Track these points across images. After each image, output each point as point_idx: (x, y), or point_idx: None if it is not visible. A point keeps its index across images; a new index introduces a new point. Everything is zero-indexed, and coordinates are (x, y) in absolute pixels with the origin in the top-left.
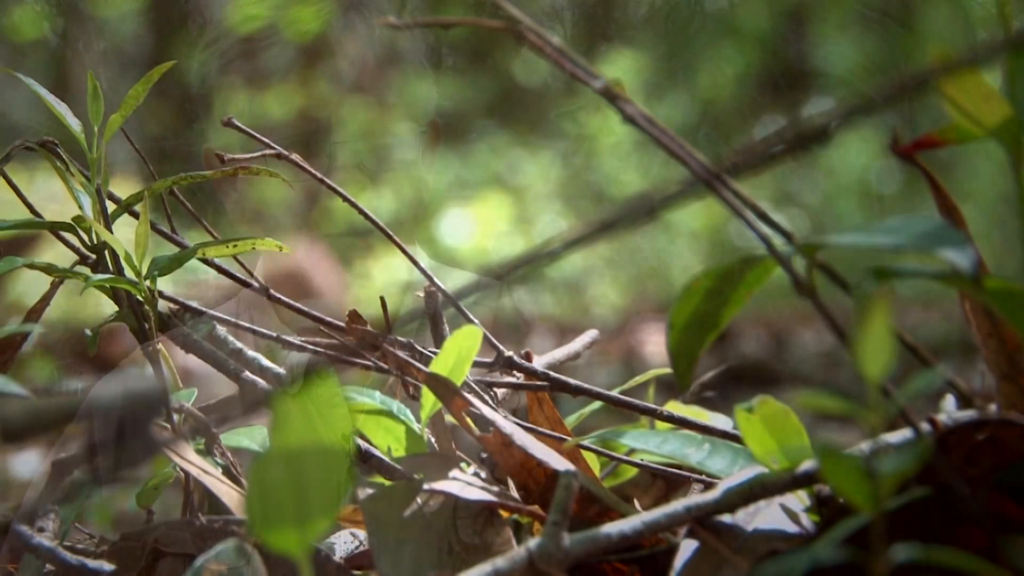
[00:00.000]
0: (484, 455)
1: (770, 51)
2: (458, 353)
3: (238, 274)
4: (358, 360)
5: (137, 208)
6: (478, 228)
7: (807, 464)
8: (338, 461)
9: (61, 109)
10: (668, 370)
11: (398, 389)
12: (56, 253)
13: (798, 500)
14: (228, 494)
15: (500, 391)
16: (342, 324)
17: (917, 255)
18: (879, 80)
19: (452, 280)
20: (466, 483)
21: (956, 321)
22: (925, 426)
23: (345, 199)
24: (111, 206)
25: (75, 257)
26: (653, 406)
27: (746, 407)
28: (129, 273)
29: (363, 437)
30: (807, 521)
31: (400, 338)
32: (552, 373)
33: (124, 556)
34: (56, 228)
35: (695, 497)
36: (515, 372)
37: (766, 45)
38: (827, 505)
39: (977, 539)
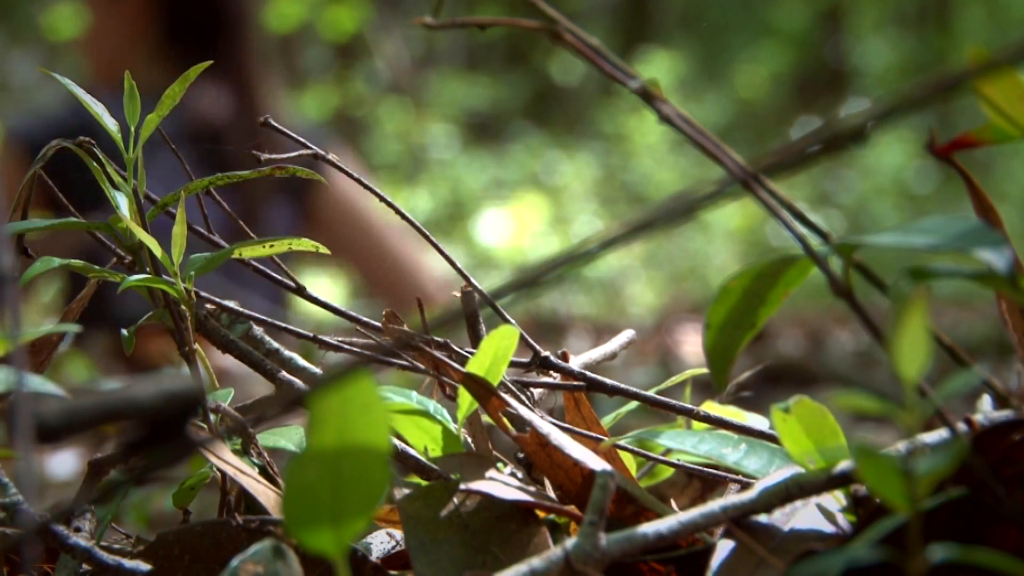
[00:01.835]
0: (520, 455)
1: (807, 51)
2: (495, 353)
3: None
4: (394, 360)
5: (173, 208)
6: (515, 228)
7: (844, 464)
8: (375, 461)
9: (98, 109)
10: (705, 370)
11: (435, 389)
12: None
13: (834, 500)
14: (265, 494)
15: (536, 391)
16: (378, 324)
17: (953, 255)
18: (915, 80)
19: (489, 280)
20: (503, 483)
21: (992, 321)
22: (961, 426)
23: (381, 199)
24: (147, 206)
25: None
26: (689, 406)
27: (782, 407)
28: (166, 273)
29: (400, 437)
30: (843, 521)
31: (436, 338)
32: (589, 373)
33: (160, 556)
34: (93, 228)
35: (732, 497)
36: (551, 372)
37: (803, 45)
38: (863, 505)
39: (1013, 539)
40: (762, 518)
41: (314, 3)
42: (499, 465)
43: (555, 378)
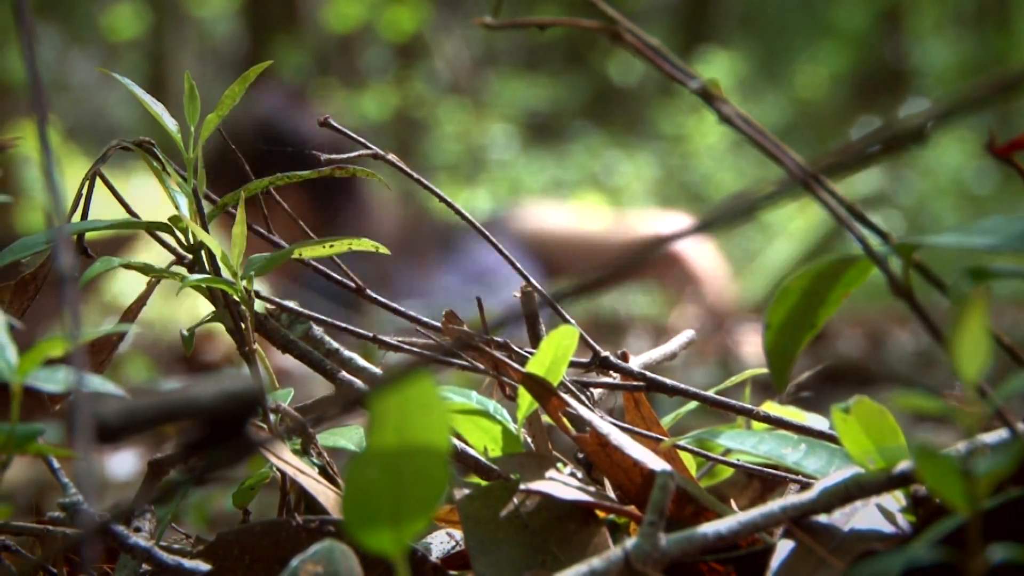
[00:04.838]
0: (580, 455)
1: (866, 51)
2: (555, 353)
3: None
4: (454, 360)
5: (233, 208)
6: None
7: (903, 464)
8: (435, 461)
9: (157, 109)
10: (764, 370)
11: (495, 389)
12: (153, 253)
13: (894, 500)
14: (324, 494)
15: (596, 391)
16: (438, 324)
17: (1013, 255)
18: (975, 80)
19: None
20: (562, 483)
21: None
22: (1021, 426)
23: (441, 199)
24: (207, 206)
25: (171, 257)
26: (749, 406)
27: (842, 407)
28: (226, 273)
29: (459, 437)
30: (903, 521)
31: (496, 338)
32: (648, 373)
33: (220, 556)
34: (152, 228)
35: (791, 497)
36: (611, 372)
37: (862, 45)
38: (923, 505)
39: None
40: (822, 518)
41: (374, 3)
42: (559, 465)
43: (615, 378)
